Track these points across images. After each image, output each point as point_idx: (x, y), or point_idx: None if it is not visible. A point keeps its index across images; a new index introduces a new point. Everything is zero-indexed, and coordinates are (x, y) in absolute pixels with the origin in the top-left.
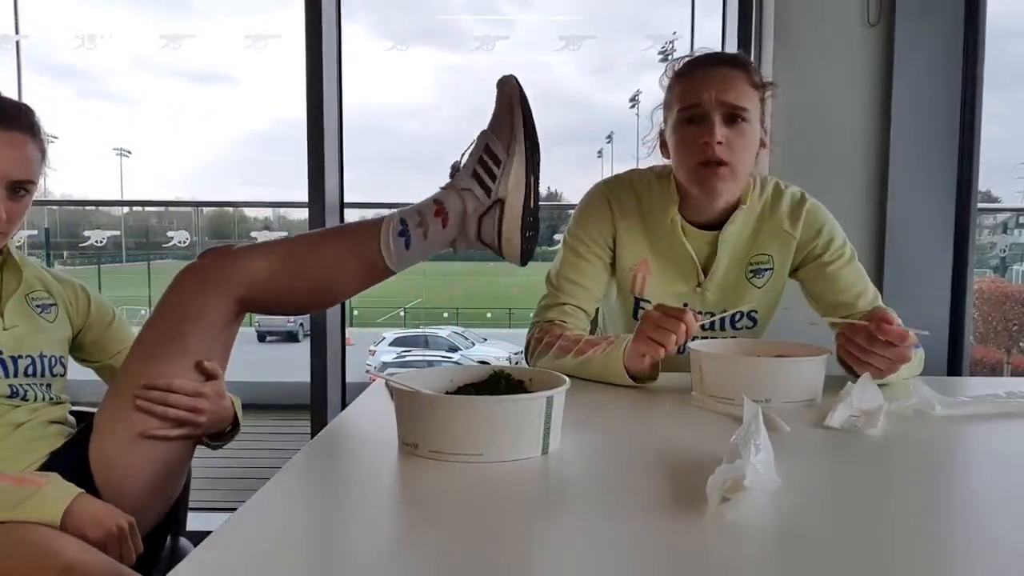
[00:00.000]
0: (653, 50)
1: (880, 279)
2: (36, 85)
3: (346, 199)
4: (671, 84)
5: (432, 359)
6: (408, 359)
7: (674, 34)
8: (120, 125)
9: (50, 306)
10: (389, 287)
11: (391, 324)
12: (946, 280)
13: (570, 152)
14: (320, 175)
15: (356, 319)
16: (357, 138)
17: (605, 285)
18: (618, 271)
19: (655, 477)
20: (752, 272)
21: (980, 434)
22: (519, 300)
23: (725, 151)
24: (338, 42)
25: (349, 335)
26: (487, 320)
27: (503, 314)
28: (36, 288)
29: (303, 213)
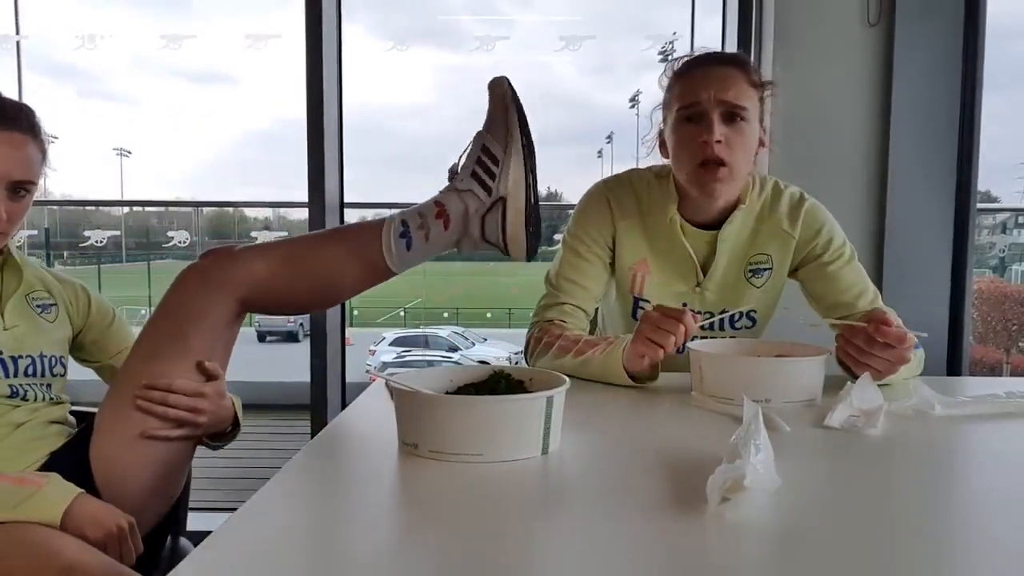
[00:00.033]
0: (653, 50)
1: (880, 279)
2: (36, 85)
3: (346, 199)
4: (670, 84)
5: (432, 359)
6: (408, 359)
7: (674, 34)
8: (120, 125)
9: (50, 306)
10: (389, 287)
11: (391, 324)
12: (945, 280)
13: (570, 152)
14: (320, 175)
15: (356, 319)
16: (357, 138)
17: (604, 285)
18: (617, 271)
19: (655, 477)
20: (751, 272)
21: (980, 434)
22: (519, 300)
23: (724, 150)
24: (338, 42)
25: (349, 335)
26: (487, 320)
27: (503, 314)
28: (36, 288)
29: (303, 213)
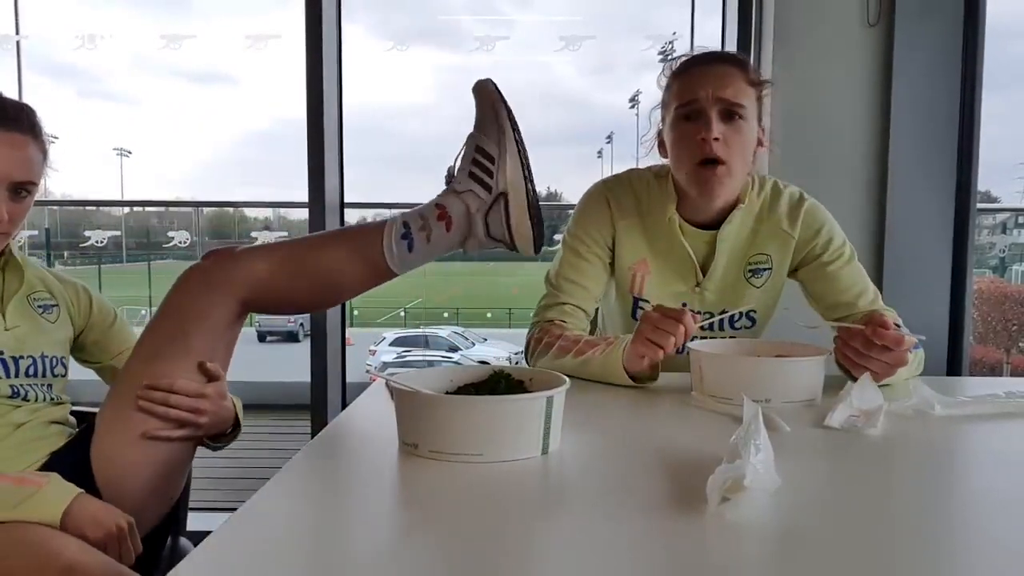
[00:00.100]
0: (653, 50)
1: (880, 279)
2: (36, 85)
3: (346, 199)
4: (668, 83)
5: (432, 359)
6: (408, 359)
7: (674, 34)
8: (120, 125)
9: (52, 307)
10: (389, 287)
11: (391, 324)
12: (945, 280)
13: (570, 152)
14: (320, 175)
15: (356, 319)
16: (357, 138)
17: (604, 285)
18: (617, 271)
19: (655, 477)
20: (751, 272)
21: (980, 434)
22: (519, 300)
23: (722, 148)
24: (338, 42)
25: (349, 335)
26: (487, 320)
27: (503, 314)
28: (38, 289)
29: (303, 213)
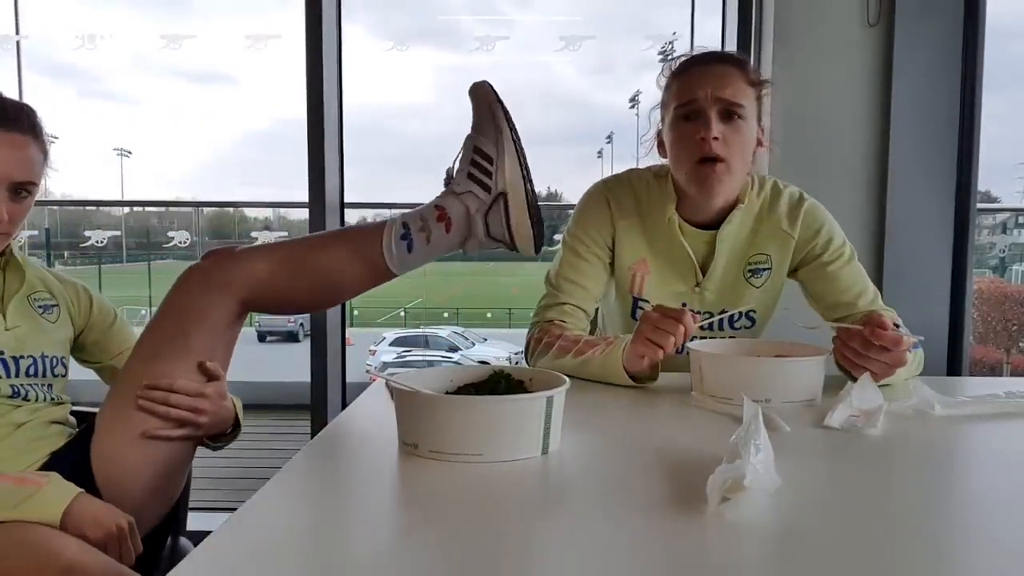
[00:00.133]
0: (653, 50)
1: (880, 279)
2: (36, 85)
3: (346, 199)
4: (668, 83)
5: (432, 359)
6: (408, 359)
7: (674, 34)
8: (120, 125)
9: (52, 307)
10: (389, 288)
11: (391, 324)
12: (945, 280)
13: (570, 152)
14: (320, 175)
15: (356, 319)
16: (357, 138)
17: (604, 285)
18: (617, 271)
19: (655, 477)
20: (750, 272)
21: (980, 434)
22: (519, 300)
23: (721, 147)
24: (338, 42)
25: (349, 335)
26: (487, 320)
27: (503, 314)
28: (38, 289)
29: (303, 213)
